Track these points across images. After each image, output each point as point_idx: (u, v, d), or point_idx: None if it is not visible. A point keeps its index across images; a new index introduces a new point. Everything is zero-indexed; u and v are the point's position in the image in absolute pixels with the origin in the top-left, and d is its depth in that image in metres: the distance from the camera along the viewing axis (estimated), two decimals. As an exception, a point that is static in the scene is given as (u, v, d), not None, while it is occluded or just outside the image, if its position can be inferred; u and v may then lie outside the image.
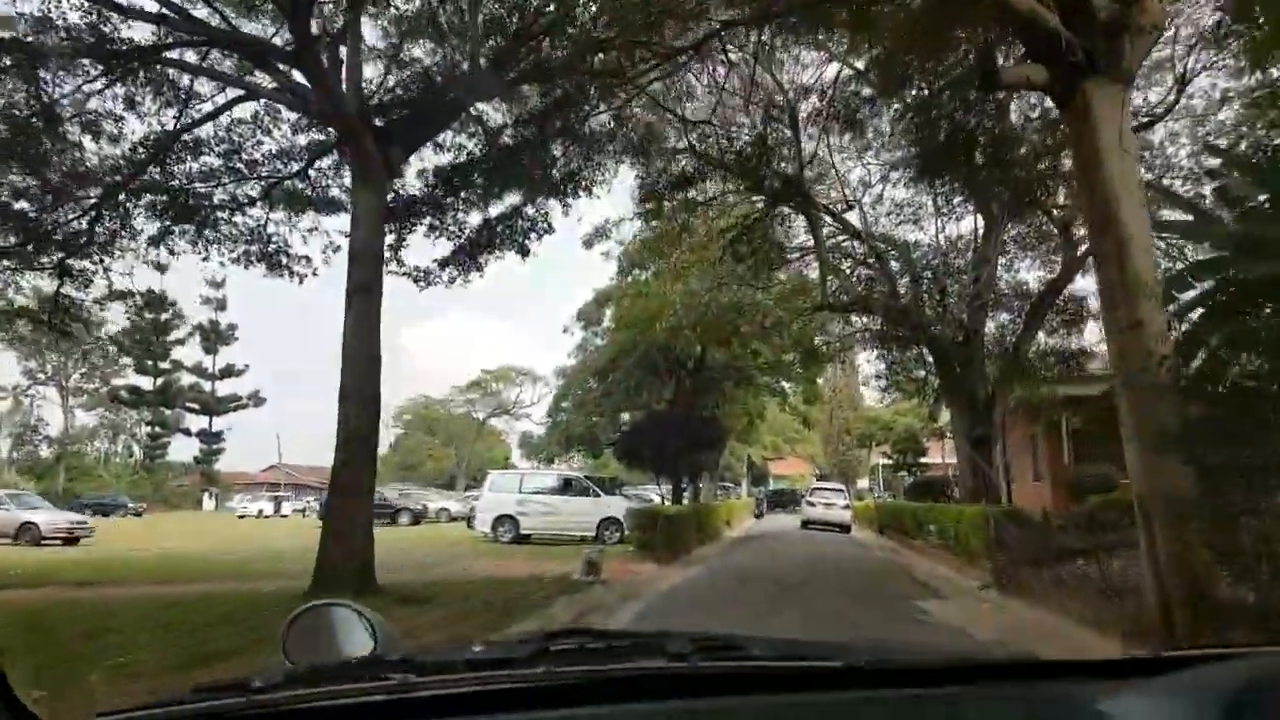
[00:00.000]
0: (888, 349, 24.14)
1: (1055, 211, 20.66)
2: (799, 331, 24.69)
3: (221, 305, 72.79)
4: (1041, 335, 23.07)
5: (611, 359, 25.65)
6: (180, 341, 70.66)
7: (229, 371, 72.69)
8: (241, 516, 57.79)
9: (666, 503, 28.37)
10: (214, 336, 72.26)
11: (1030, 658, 1.51)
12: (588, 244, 20.45)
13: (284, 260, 16.29)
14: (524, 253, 15.67)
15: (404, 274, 15.54)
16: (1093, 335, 22.53)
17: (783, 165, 21.17)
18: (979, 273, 21.60)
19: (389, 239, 15.11)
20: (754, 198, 22.18)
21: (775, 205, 21.14)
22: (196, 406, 72.18)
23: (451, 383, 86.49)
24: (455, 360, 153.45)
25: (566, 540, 24.32)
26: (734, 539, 29.14)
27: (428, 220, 15.61)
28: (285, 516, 56.86)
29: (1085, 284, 23.49)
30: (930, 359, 23.26)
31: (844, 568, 18.39)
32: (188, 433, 72.86)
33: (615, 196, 40.26)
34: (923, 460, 31.86)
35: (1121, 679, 1.25)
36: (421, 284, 15.62)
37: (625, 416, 29.14)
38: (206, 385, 72.04)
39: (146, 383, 69.51)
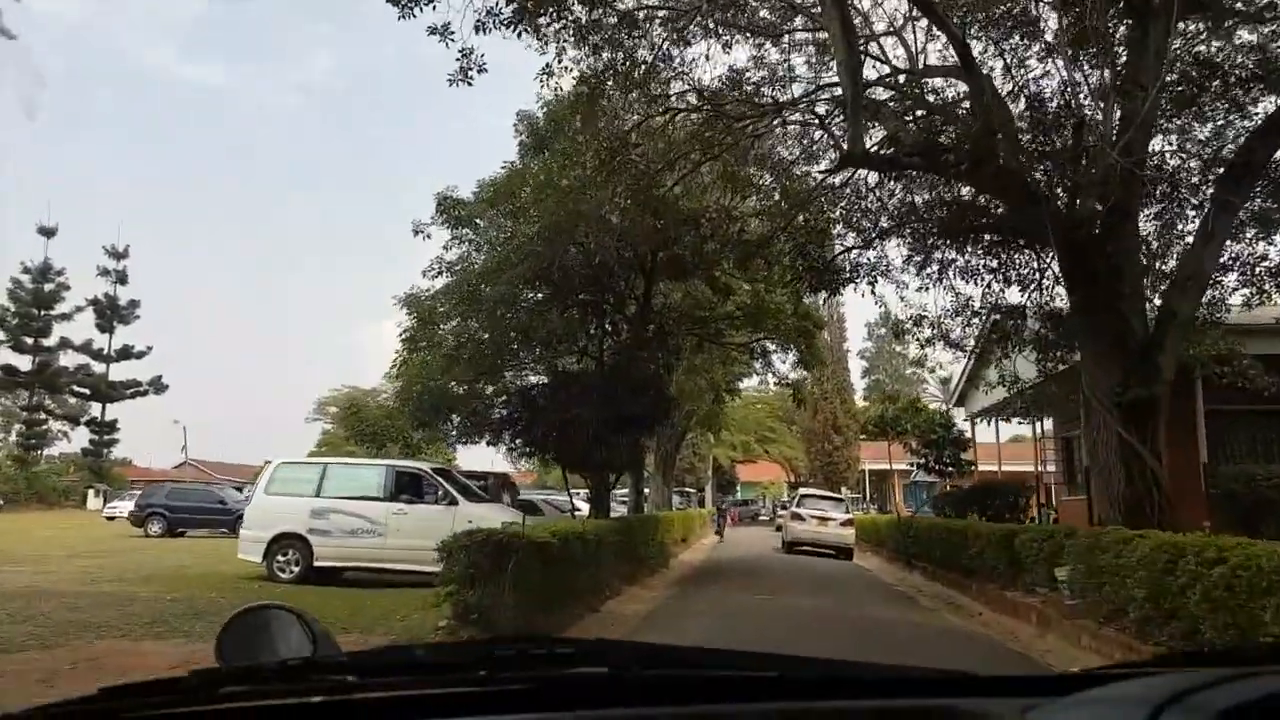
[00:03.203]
0: (967, 244, 13.05)
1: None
2: (804, 233, 13.68)
3: (122, 279, 60.91)
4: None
5: (496, 267, 14.36)
6: (67, 316, 58.54)
7: (127, 353, 60.59)
8: (111, 518, 46.64)
9: (582, 514, 17.32)
10: (110, 313, 60.20)
11: (957, 673, 1.38)
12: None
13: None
14: None
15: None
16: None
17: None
18: (1136, 99, 10.67)
19: None
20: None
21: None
22: (86, 391, 60.01)
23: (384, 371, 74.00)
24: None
25: (396, 581, 13.29)
26: (685, 573, 18.04)
27: None
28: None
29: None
30: (1039, 264, 12.40)
31: None
32: (75, 421, 60.77)
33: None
34: (964, 459, 21.23)
35: (1042, 695, 1.20)
36: None
37: (534, 380, 17.95)
38: (99, 368, 59.90)
39: (25, 362, 57.28)
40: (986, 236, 12.63)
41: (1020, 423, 20.33)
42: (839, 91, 12.74)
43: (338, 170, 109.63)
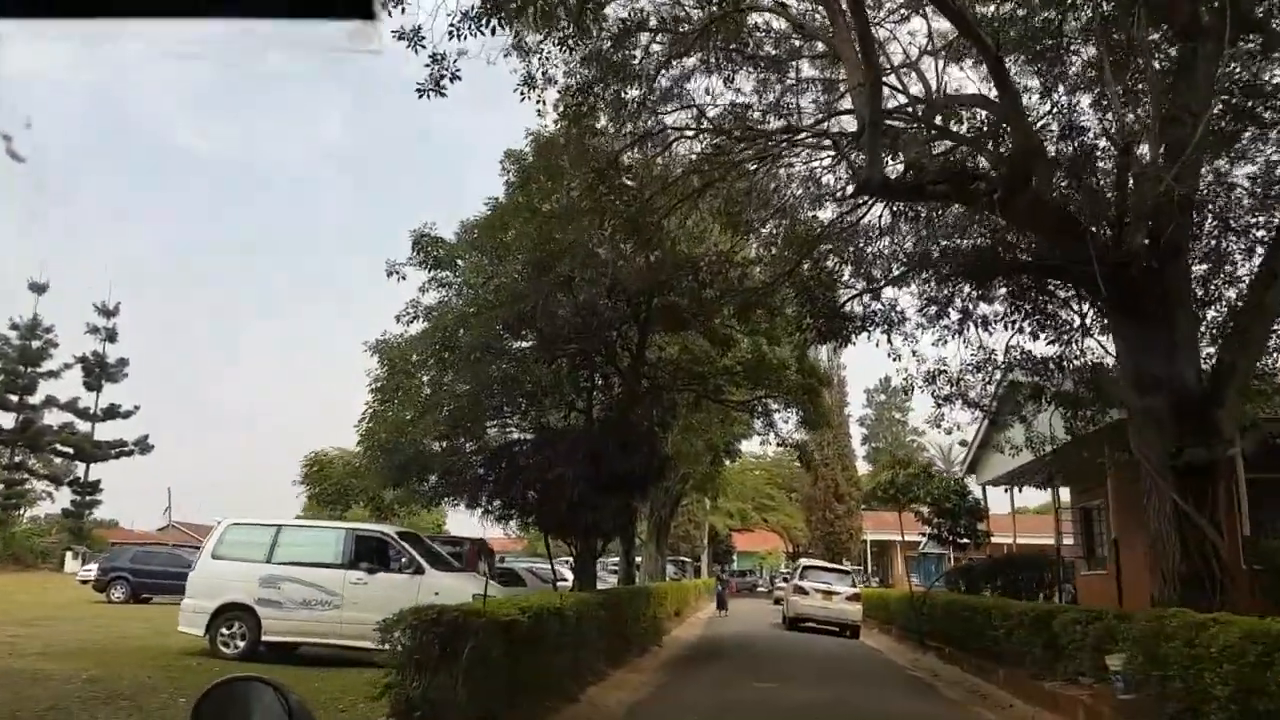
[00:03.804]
0: (992, 289, 11.71)
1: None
2: (812, 276, 12.44)
3: (111, 336, 59.44)
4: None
5: (475, 310, 13.08)
6: (54, 374, 56.99)
7: (113, 412, 58.85)
8: (85, 581, 44.45)
9: (567, 584, 15.67)
10: (99, 371, 58.62)
11: None
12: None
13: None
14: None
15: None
16: None
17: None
18: (1184, 126, 9.47)
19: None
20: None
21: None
22: (70, 450, 58.10)
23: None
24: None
25: (357, 659, 11.60)
26: (679, 653, 16.26)
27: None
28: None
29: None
30: (1079, 308, 11.08)
31: None
32: (59, 481, 58.82)
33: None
34: (980, 529, 19.53)
35: None
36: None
37: (518, 436, 16.38)
38: (84, 426, 58.09)
39: (8, 420, 55.53)
40: (1015, 280, 11.31)
41: (1047, 491, 18.77)
42: (851, 126, 11.64)
43: (341, 226, 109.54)
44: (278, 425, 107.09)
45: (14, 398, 55.20)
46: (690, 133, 10.98)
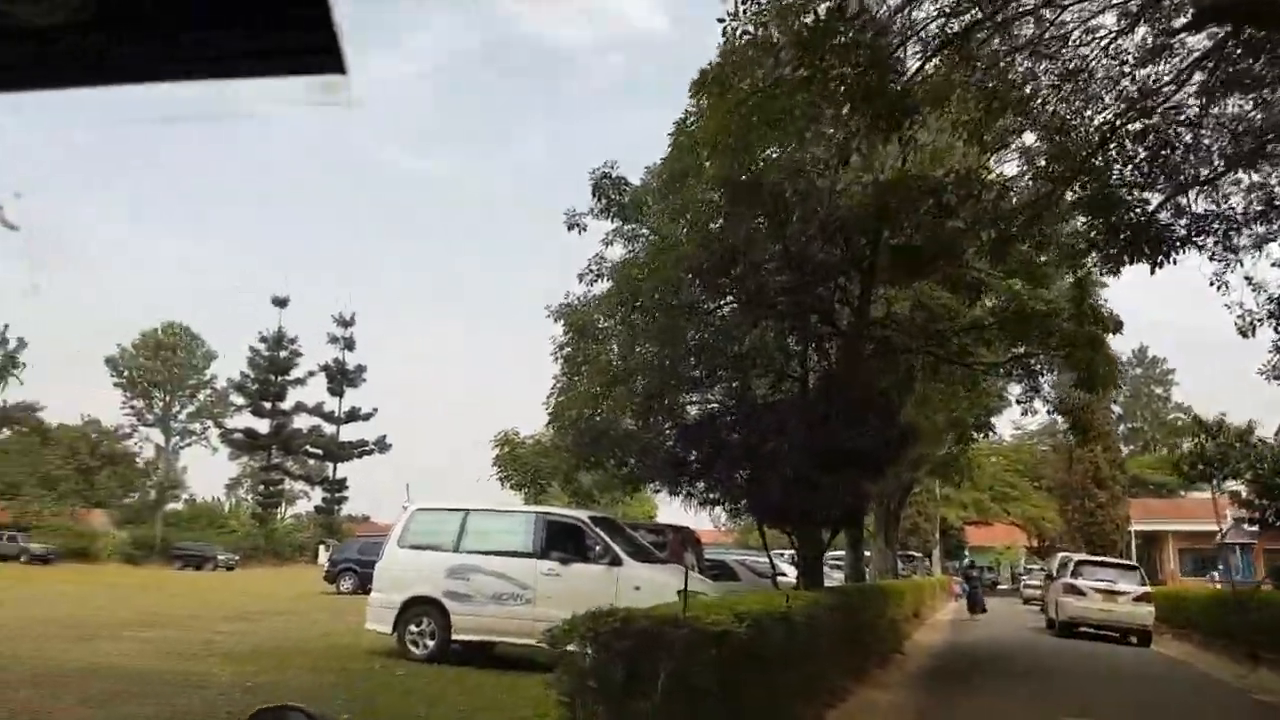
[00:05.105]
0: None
1: None
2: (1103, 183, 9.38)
3: (350, 345, 63.28)
4: None
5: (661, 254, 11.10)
6: (300, 381, 61.45)
7: (354, 415, 62.69)
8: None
9: (788, 579, 13.28)
10: (340, 377, 62.62)
11: None
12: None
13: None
14: None
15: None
16: None
17: None
18: None
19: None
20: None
21: None
22: (319, 451, 62.50)
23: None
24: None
25: (552, 661, 9.88)
26: (927, 664, 13.39)
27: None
28: (369, 572, 45.33)
29: None
30: None
31: None
32: (312, 480, 63.47)
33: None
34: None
35: None
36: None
37: (714, 409, 14.13)
38: (329, 429, 62.26)
39: (264, 426, 60.50)
40: None
41: None
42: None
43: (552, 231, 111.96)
44: (505, 416, 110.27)
45: (268, 404, 60.08)
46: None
